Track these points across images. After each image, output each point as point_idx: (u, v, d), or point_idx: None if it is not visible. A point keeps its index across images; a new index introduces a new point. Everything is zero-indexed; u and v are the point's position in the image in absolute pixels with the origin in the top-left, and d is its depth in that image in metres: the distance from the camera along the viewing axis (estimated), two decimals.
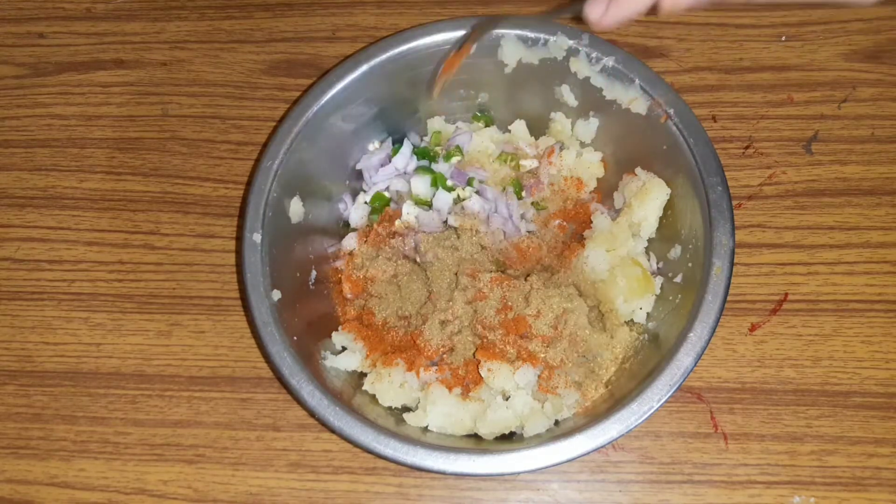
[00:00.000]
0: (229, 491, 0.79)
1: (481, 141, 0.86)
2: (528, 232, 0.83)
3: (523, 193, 0.84)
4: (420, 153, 0.86)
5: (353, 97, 0.80)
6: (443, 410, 0.73)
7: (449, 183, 0.83)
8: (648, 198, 0.79)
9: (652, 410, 0.68)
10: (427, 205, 0.84)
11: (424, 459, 0.68)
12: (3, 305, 0.87)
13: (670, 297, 0.77)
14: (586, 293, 0.78)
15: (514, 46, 0.80)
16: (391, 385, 0.75)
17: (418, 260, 0.81)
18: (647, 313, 0.78)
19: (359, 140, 0.86)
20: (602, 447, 0.67)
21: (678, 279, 0.77)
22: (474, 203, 0.82)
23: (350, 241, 0.84)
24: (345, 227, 0.86)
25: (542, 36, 0.79)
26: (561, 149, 0.85)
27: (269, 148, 0.77)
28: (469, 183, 0.84)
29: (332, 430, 0.69)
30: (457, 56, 0.76)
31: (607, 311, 0.78)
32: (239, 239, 0.86)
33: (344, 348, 0.79)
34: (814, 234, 0.85)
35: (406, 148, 0.86)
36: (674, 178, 0.78)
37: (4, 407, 0.83)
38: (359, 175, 0.88)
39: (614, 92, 0.79)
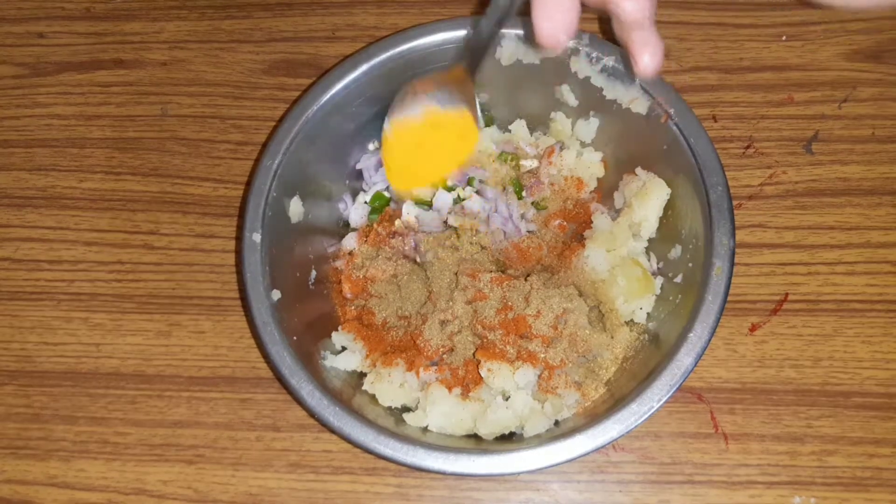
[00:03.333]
0: (229, 491, 0.79)
1: (481, 141, 0.86)
2: (529, 232, 0.83)
3: (523, 193, 0.84)
4: None
5: (353, 97, 0.80)
6: (443, 410, 0.73)
7: (449, 183, 0.83)
8: (648, 198, 0.78)
9: (652, 410, 0.67)
10: (427, 205, 0.84)
11: (424, 459, 0.68)
12: (3, 305, 0.87)
13: (670, 297, 0.77)
14: (586, 293, 0.78)
15: (514, 46, 0.80)
16: (391, 385, 0.75)
17: (418, 260, 0.81)
18: (648, 313, 0.78)
19: (359, 140, 0.86)
20: (602, 447, 0.67)
21: (678, 279, 0.76)
22: (474, 203, 0.82)
23: (350, 241, 0.84)
24: (345, 227, 0.86)
25: None
26: (561, 149, 0.85)
27: (268, 148, 0.77)
28: (469, 183, 0.84)
29: (332, 430, 0.69)
30: None
31: (607, 311, 0.77)
32: (239, 239, 0.86)
33: (344, 348, 0.79)
34: (814, 234, 0.85)
35: None
36: (674, 178, 0.78)
37: (4, 407, 0.83)
38: (359, 175, 0.87)
39: (614, 92, 0.79)
